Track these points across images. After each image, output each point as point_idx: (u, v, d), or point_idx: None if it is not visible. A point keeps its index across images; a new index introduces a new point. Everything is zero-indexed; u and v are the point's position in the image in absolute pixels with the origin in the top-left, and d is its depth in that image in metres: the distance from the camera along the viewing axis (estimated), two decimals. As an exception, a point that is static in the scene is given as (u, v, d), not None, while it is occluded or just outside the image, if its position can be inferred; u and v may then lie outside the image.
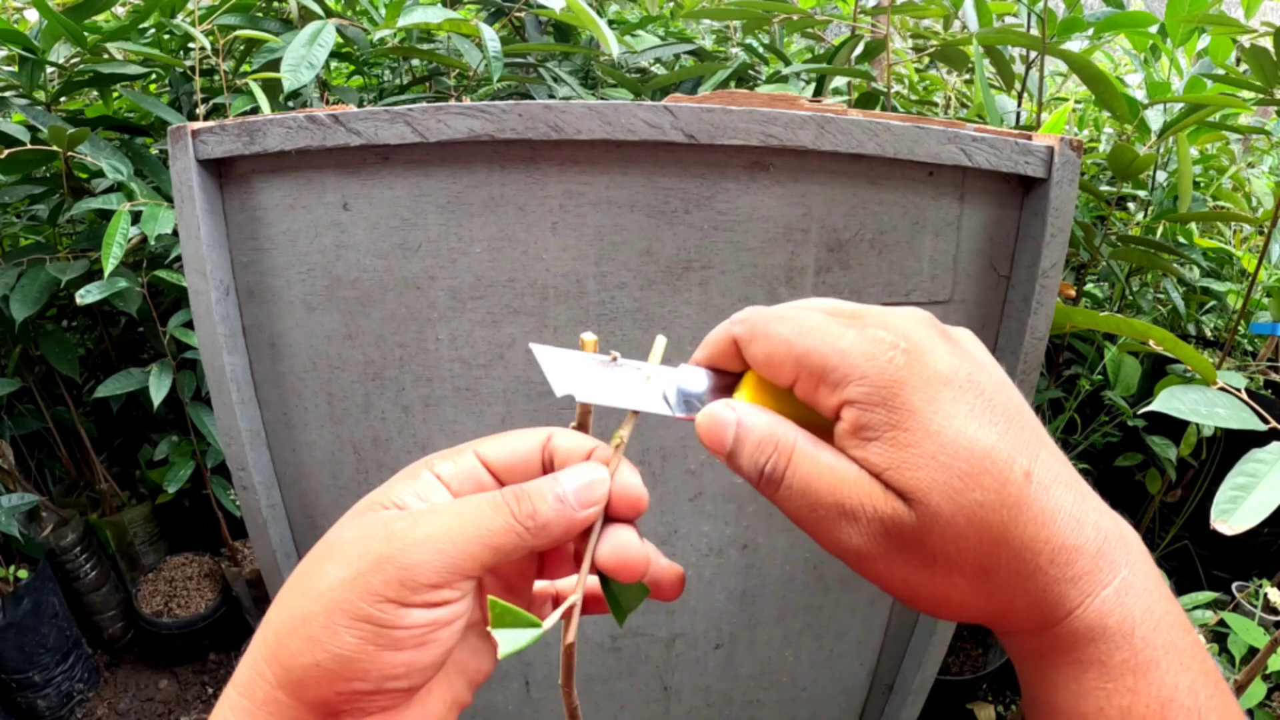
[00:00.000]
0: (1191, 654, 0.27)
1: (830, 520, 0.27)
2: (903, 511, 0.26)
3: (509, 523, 0.28)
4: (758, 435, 0.28)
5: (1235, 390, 0.66)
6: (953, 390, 0.26)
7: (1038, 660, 0.28)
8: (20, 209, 1.39)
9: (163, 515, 1.65)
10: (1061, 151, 0.62)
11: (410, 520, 0.28)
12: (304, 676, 0.26)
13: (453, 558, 0.27)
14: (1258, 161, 1.77)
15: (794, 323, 0.29)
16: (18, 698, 1.39)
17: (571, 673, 0.36)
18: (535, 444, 0.31)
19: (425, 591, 0.26)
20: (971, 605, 0.28)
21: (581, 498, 0.29)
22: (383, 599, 0.26)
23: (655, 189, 0.64)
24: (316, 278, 0.67)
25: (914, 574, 0.27)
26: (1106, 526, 0.27)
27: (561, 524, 0.29)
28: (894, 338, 0.27)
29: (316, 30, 0.97)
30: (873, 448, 0.26)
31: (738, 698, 0.90)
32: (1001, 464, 0.26)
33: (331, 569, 0.27)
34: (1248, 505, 0.56)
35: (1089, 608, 0.26)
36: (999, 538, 0.26)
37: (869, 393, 0.26)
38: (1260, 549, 1.42)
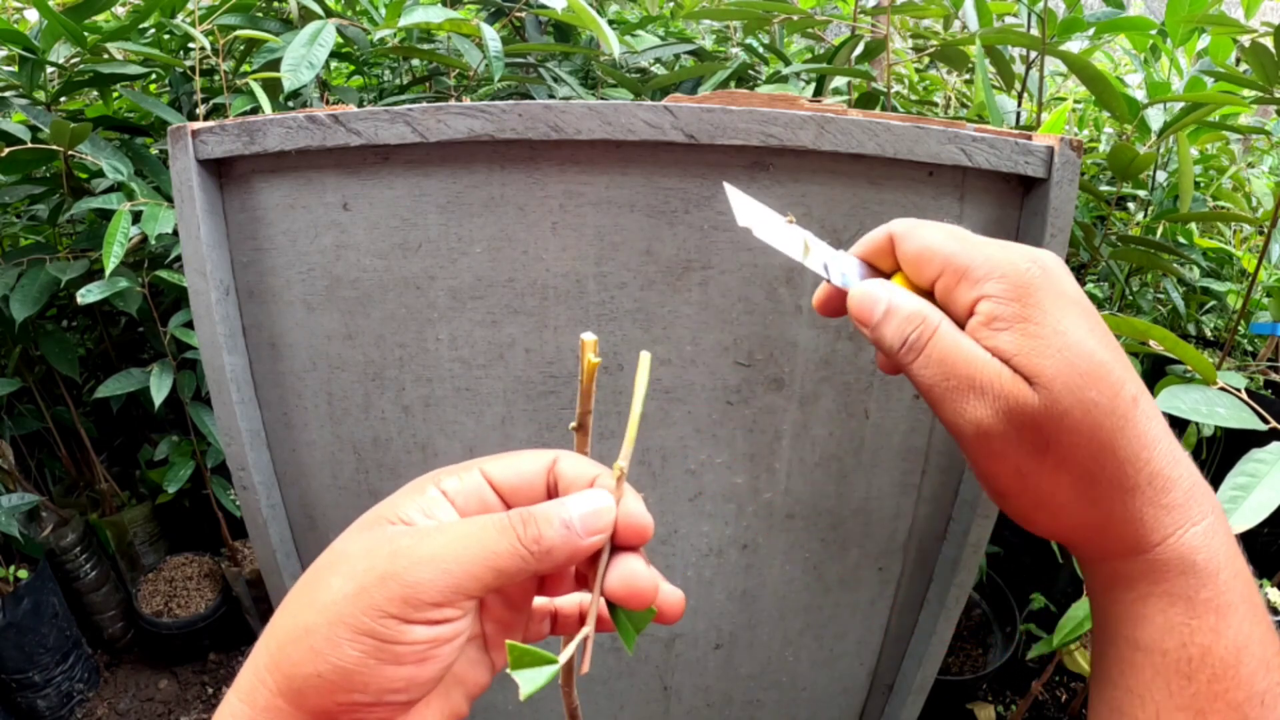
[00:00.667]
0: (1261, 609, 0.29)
1: (960, 391, 0.29)
2: (1027, 393, 0.28)
3: (514, 546, 0.28)
4: (908, 310, 0.31)
5: (1235, 390, 0.66)
6: (1078, 308, 0.29)
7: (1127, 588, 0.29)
8: (20, 209, 1.39)
9: (163, 515, 1.65)
10: (1061, 151, 0.62)
11: (416, 538, 0.28)
12: (305, 686, 0.27)
13: (456, 578, 0.27)
14: (1258, 161, 1.77)
15: (947, 230, 0.31)
16: (18, 698, 1.39)
17: (572, 673, 0.36)
18: (541, 467, 0.32)
19: (428, 609, 0.27)
20: (1072, 510, 0.29)
21: (588, 525, 0.29)
22: (386, 615, 0.26)
23: (655, 189, 0.64)
24: (316, 278, 0.67)
25: (1026, 461, 0.29)
26: (1196, 474, 0.29)
27: (566, 550, 0.29)
28: (1031, 256, 0.30)
29: (316, 30, 0.97)
30: (1004, 336, 0.28)
31: (738, 698, 0.90)
32: (1115, 380, 0.28)
33: (336, 581, 0.27)
34: (1248, 505, 0.56)
35: (1181, 539, 0.28)
36: (1107, 443, 0.28)
37: (1006, 289, 0.28)
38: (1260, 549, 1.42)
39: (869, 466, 0.76)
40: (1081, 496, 0.29)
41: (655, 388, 0.71)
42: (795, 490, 0.76)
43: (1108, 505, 0.28)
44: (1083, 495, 0.29)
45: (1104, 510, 0.29)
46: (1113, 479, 0.28)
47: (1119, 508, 0.28)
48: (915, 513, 0.79)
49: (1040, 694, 1.45)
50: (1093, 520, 0.29)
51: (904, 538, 0.81)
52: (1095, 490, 0.28)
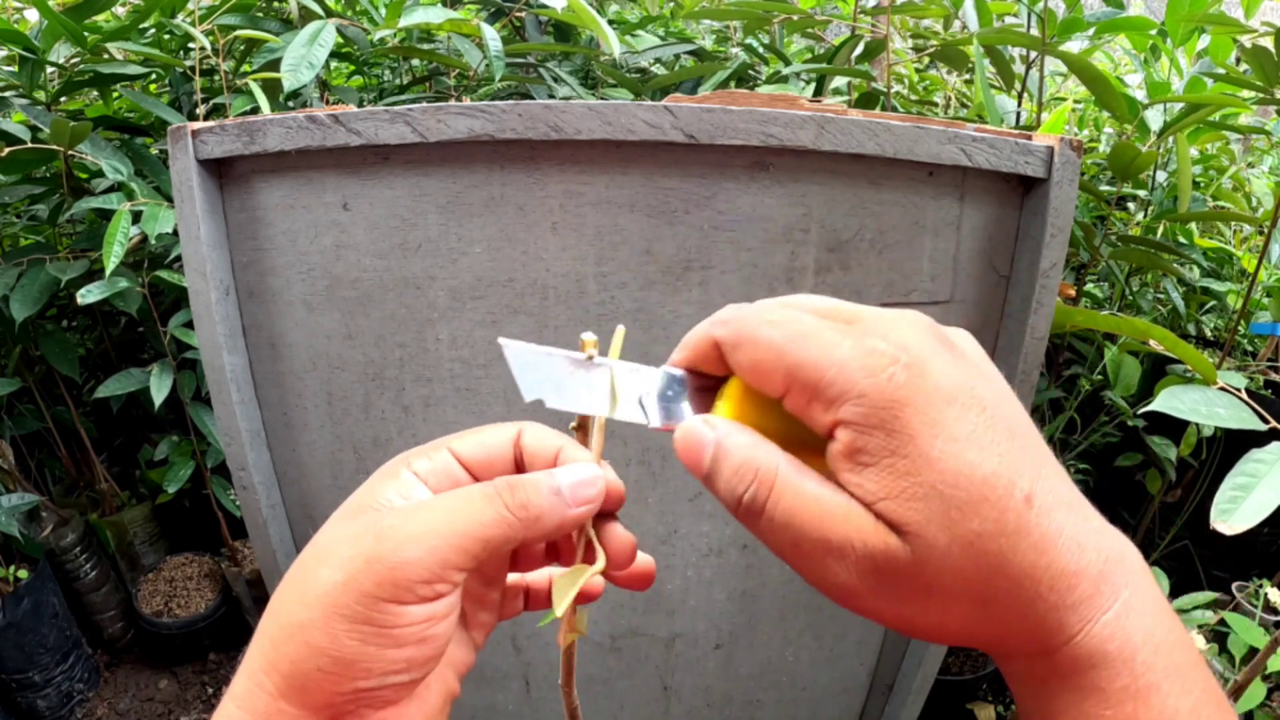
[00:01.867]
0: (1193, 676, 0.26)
1: (815, 557, 0.25)
2: (895, 545, 0.24)
3: (501, 514, 0.28)
4: (737, 460, 0.26)
5: (1235, 390, 0.66)
6: (955, 409, 0.25)
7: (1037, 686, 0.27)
8: (20, 209, 1.39)
9: (163, 515, 1.65)
10: (1061, 151, 0.62)
11: (400, 517, 0.28)
12: (307, 682, 0.26)
13: (444, 553, 0.27)
14: (1258, 161, 1.77)
15: (784, 328, 0.26)
16: (18, 698, 1.39)
17: (572, 673, 0.36)
18: (507, 439, 0.31)
19: (419, 587, 0.26)
20: (968, 632, 0.27)
21: (577, 494, 0.29)
22: (378, 599, 0.26)
23: (655, 189, 0.64)
24: (316, 278, 0.67)
25: (906, 608, 0.26)
26: (1108, 547, 0.26)
27: (555, 518, 0.28)
28: (894, 350, 0.25)
29: (316, 30, 0.97)
30: (868, 474, 0.25)
31: (738, 698, 0.90)
32: (1002, 490, 0.24)
33: (325, 573, 0.27)
34: (1248, 505, 0.56)
35: (1089, 633, 0.25)
36: (997, 566, 0.25)
37: (867, 414, 0.24)
38: (1260, 549, 1.42)
39: (869, 466, 0.76)
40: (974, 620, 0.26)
41: (655, 388, 0.71)
42: (795, 490, 0.76)
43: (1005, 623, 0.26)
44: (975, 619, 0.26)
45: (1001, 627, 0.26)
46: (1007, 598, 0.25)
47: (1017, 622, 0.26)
48: (915, 513, 0.79)
49: (1040, 694, 1.44)
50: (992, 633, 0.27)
51: (904, 538, 0.81)
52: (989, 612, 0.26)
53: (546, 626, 0.82)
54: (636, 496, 0.76)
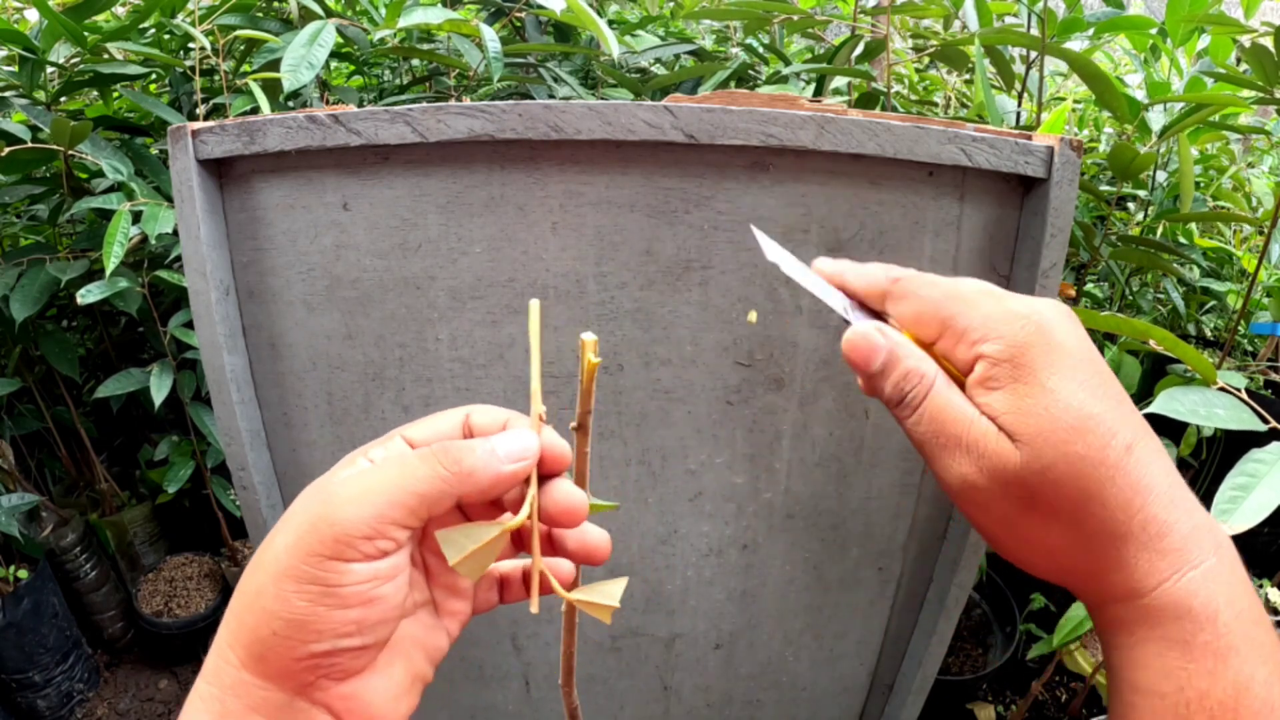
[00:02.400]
0: (1270, 649, 0.28)
1: (949, 448, 0.30)
2: (1010, 451, 0.29)
3: (435, 470, 0.29)
4: (907, 365, 0.32)
5: (1235, 390, 0.66)
6: (1073, 361, 0.29)
7: (1126, 633, 0.30)
8: (20, 209, 1.39)
9: (163, 515, 1.65)
10: (1061, 151, 0.62)
11: (344, 481, 0.30)
12: (264, 650, 0.28)
13: (381, 508, 0.28)
14: (1258, 161, 1.77)
15: (944, 288, 0.32)
16: (18, 698, 1.39)
17: (572, 673, 0.36)
18: (457, 422, 0.33)
19: (361, 544, 0.28)
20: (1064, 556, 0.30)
21: (508, 450, 0.31)
22: (322, 557, 0.28)
23: (655, 189, 0.64)
24: (316, 278, 0.67)
25: (1012, 512, 0.30)
26: (1199, 515, 0.29)
27: (488, 473, 0.30)
28: (1030, 311, 0.30)
29: (316, 30, 0.97)
30: (996, 395, 0.30)
31: (738, 698, 0.90)
32: (1104, 431, 0.28)
33: (278, 539, 0.29)
34: (1248, 505, 0.56)
35: (1176, 584, 0.28)
36: (1094, 493, 0.28)
37: (1000, 350, 0.30)
38: (1260, 549, 1.42)
39: (869, 466, 0.76)
40: (1072, 544, 0.29)
41: (655, 387, 0.71)
42: (795, 490, 0.76)
43: (1100, 552, 0.29)
44: (1073, 543, 0.29)
45: (1096, 557, 0.29)
46: (1102, 527, 0.29)
47: (1111, 554, 0.29)
48: (915, 513, 0.79)
49: (1040, 694, 1.45)
50: (1086, 566, 0.30)
51: (904, 538, 0.81)
52: (1085, 538, 0.29)
53: (546, 625, 0.82)
54: (636, 496, 0.76)
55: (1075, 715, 1.37)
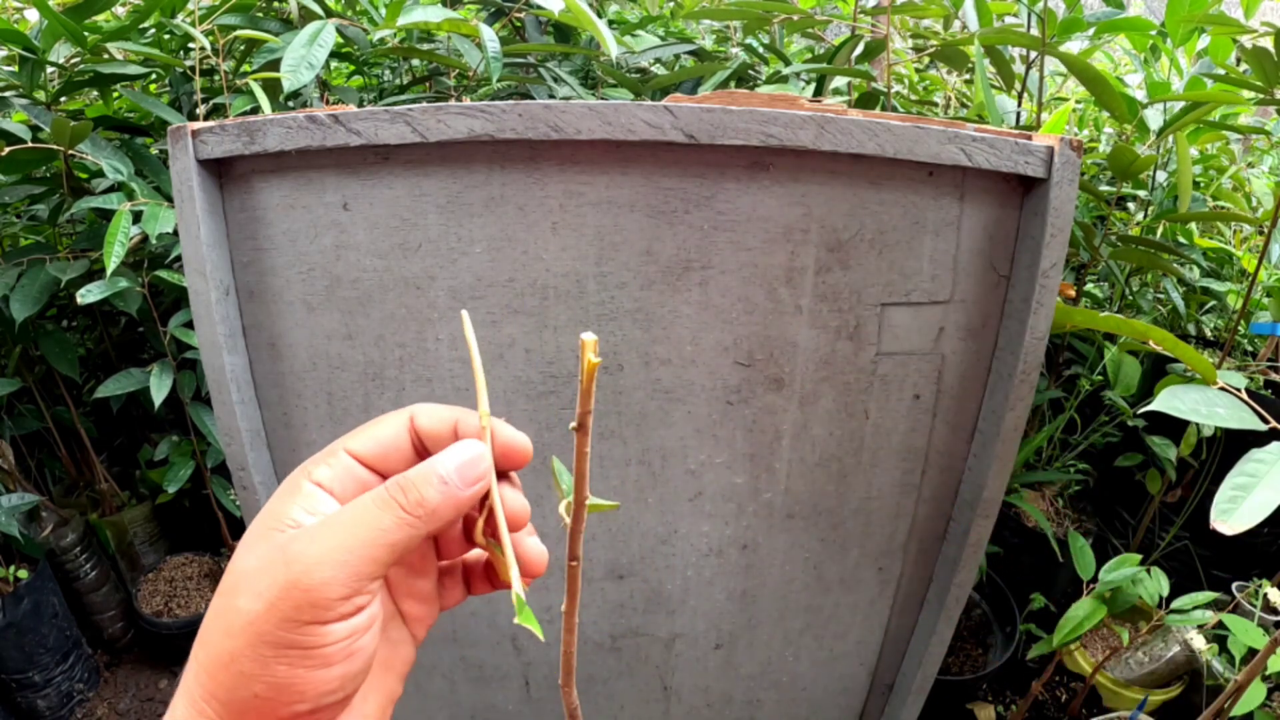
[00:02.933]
0: None
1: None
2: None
3: (400, 517, 0.28)
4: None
5: (1235, 390, 0.66)
6: None
7: None
8: (20, 209, 1.39)
9: (163, 515, 1.65)
10: (1061, 151, 0.62)
11: (306, 540, 0.28)
12: (245, 709, 0.27)
13: (354, 567, 0.27)
14: (1258, 161, 1.77)
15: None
16: (18, 698, 1.39)
17: (571, 673, 0.36)
18: (401, 428, 0.32)
19: (338, 605, 0.27)
20: None
21: (465, 475, 0.30)
22: (299, 623, 0.27)
23: (655, 189, 0.64)
24: (316, 278, 0.67)
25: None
26: None
27: (450, 505, 0.29)
28: None
29: (316, 30, 0.97)
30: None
31: (738, 698, 0.90)
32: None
33: (243, 602, 0.27)
34: (1248, 505, 0.56)
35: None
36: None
37: None
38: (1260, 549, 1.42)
39: (869, 466, 0.76)
40: None
41: (655, 387, 0.71)
42: (795, 490, 0.76)
43: None
44: None
45: None
46: None
47: None
48: (915, 513, 0.79)
49: (1040, 694, 1.45)
50: None
51: (904, 538, 0.81)
52: None
53: (546, 626, 0.82)
54: (637, 496, 0.76)
55: (1075, 715, 1.37)
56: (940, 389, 0.73)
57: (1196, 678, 1.29)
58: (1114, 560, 1.01)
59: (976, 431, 0.75)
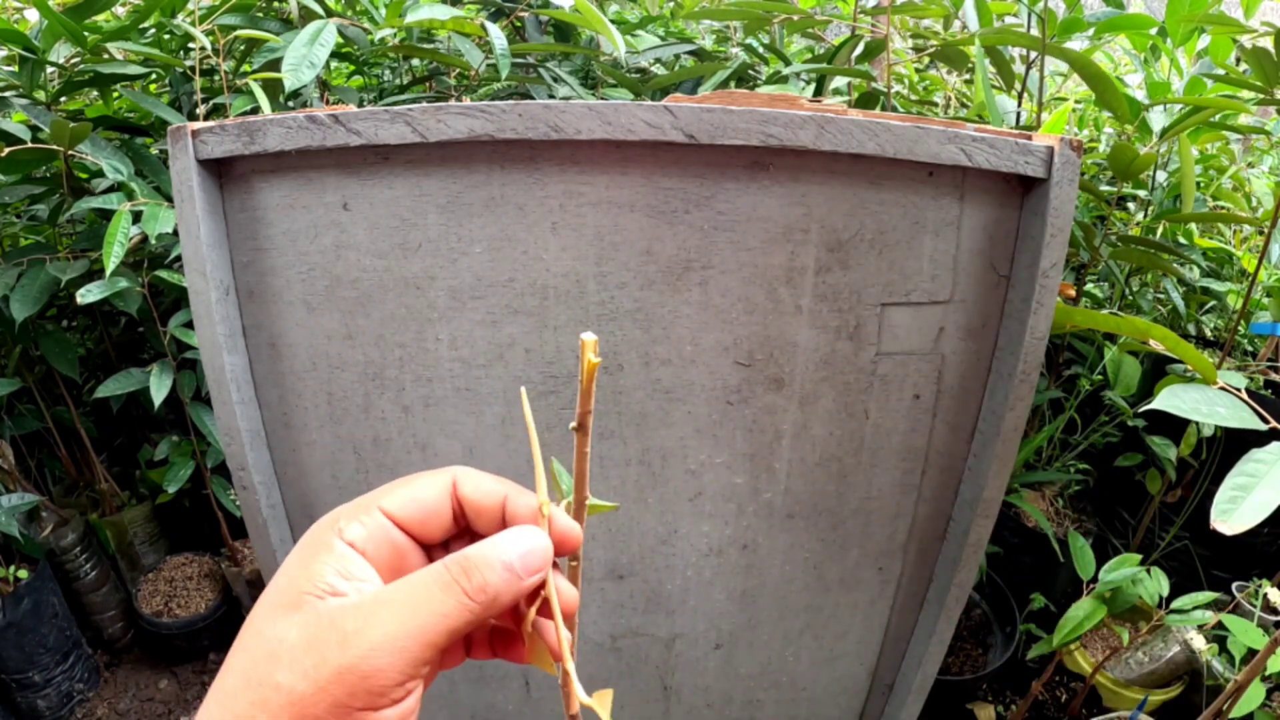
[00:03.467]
0: None
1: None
2: None
3: (462, 602, 0.27)
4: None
5: (1235, 390, 0.66)
6: None
7: None
8: (20, 209, 1.39)
9: (163, 515, 1.65)
10: (1061, 151, 0.62)
11: (361, 619, 0.27)
12: None
13: (414, 654, 0.26)
14: (1258, 161, 1.77)
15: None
16: (18, 698, 1.39)
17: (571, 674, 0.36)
18: (444, 493, 0.31)
19: (392, 692, 0.26)
20: None
21: (528, 565, 0.29)
22: (351, 710, 0.26)
23: (655, 189, 0.64)
24: (316, 278, 0.67)
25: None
26: None
27: (510, 594, 0.28)
28: None
29: (317, 30, 0.97)
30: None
31: (738, 698, 0.90)
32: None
33: (285, 679, 0.26)
34: (1248, 505, 0.56)
35: None
36: None
37: None
38: (1260, 549, 1.42)
39: (869, 466, 0.76)
40: None
41: (655, 387, 0.71)
42: (795, 490, 0.76)
43: None
44: None
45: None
46: None
47: None
48: (915, 513, 0.79)
49: (1040, 694, 1.45)
50: None
51: (904, 538, 0.81)
52: None
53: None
54: (637, 496, 0.76)
55: (1075, 715, 1.37)
56: (940, 389, 0.73)
57: (1196, 678, 1.29)
58: (1114, 560, 1.01)
59: (976, 431, 0.75)
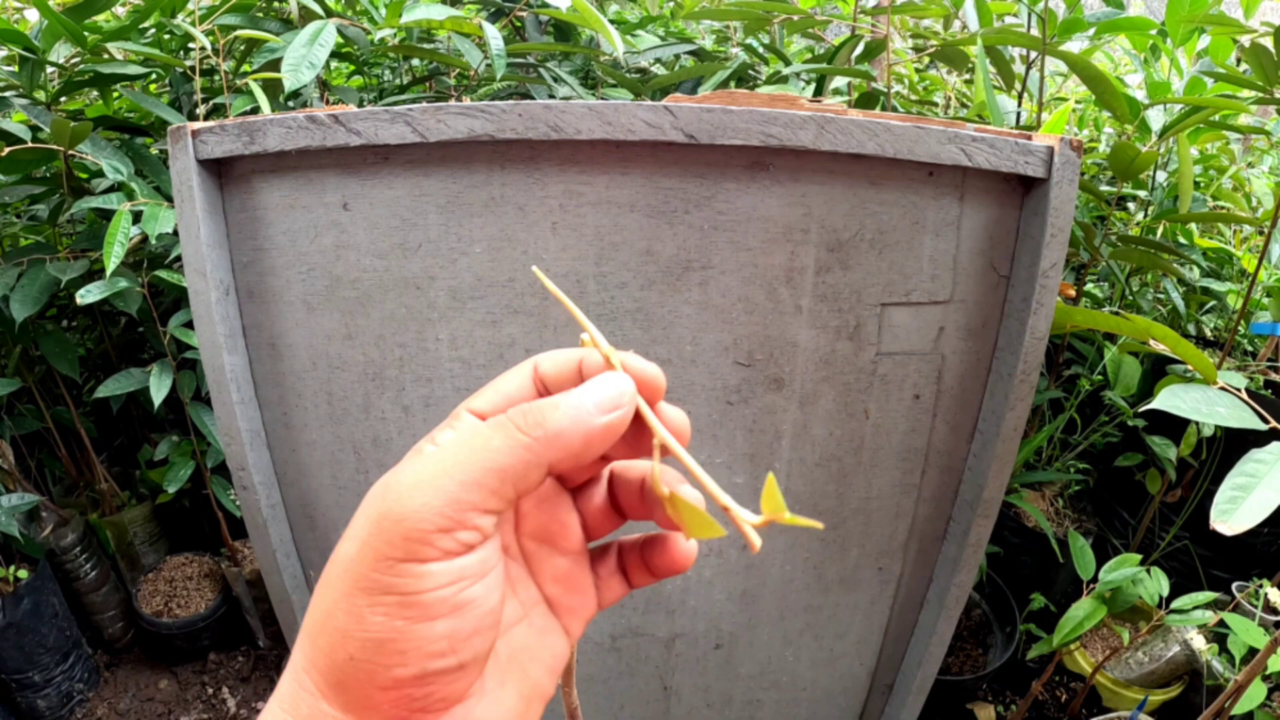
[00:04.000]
0: None
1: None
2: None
3: (513, 437, 0.24)
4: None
5: (1235, 390, 0.66)
6: None
7: None
8: (20, 209, 1.39)
9: (163, 515, 1.65)
10: (1061, 151, 0.62)
11: (404, 468, 0.24)
12: (342, 677, 0.24)
13: (453, 493, 0.23)
14: (1258, 161, 1.77)
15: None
16: (18, 698, 1.39)
17: (571, 673, 0.36)
18: (526, 379, 0.28)
19: (436, 538, 0.23)
20: None
21: (599, 401, 0.25)
22: (393, 561, 0.23)
23: (655, 189, 0.64)
24: (316, 278, 0.67)
25: None
26: None
27: (578, 431, 0.25)
28: None
29: (317, 30, 0.97)
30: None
31: (738, 698, 0.90)
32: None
33: (343, 547, 0.24)
34: (1248, 505, 0.56)
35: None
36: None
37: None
38: (1260, 549, 1.42)
39: (869, 466, 0.76)
40: None
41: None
42: (795, 490, 0.76)
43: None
44: None
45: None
46: None
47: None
48: (915, 513, 0.79)
49: (1040, 694, 1.45)
50: None
51: (904, 538, 0.81)
52: None
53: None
54: (636, 496, 0.76)
55: (1075, 715, 1.37)
56: (940, 389, 0.73)
57: (1196, 678, 1.29)
58: (1114, 560, 1.01)
59: (976, 431, 0.75)
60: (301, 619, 0.79)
